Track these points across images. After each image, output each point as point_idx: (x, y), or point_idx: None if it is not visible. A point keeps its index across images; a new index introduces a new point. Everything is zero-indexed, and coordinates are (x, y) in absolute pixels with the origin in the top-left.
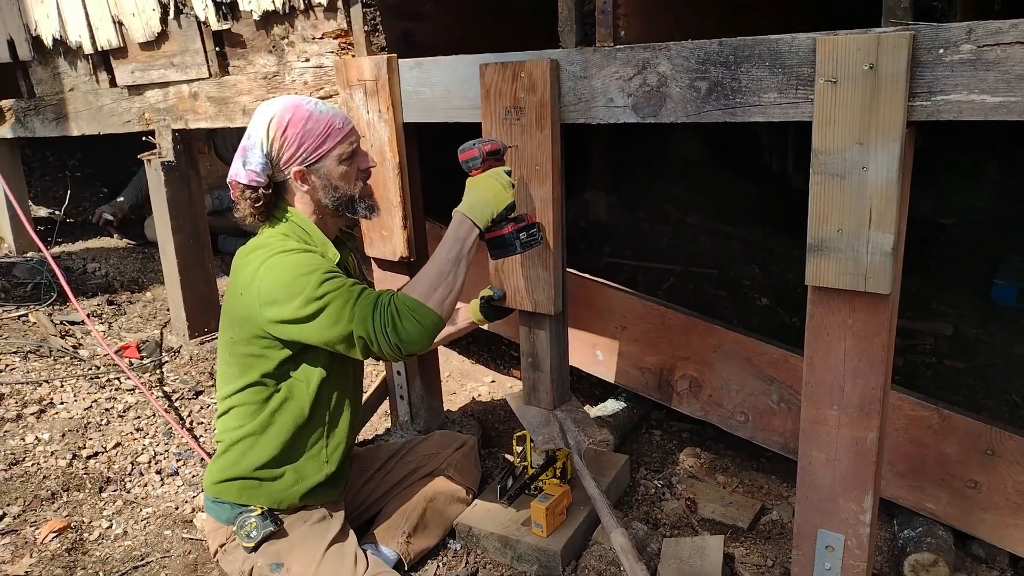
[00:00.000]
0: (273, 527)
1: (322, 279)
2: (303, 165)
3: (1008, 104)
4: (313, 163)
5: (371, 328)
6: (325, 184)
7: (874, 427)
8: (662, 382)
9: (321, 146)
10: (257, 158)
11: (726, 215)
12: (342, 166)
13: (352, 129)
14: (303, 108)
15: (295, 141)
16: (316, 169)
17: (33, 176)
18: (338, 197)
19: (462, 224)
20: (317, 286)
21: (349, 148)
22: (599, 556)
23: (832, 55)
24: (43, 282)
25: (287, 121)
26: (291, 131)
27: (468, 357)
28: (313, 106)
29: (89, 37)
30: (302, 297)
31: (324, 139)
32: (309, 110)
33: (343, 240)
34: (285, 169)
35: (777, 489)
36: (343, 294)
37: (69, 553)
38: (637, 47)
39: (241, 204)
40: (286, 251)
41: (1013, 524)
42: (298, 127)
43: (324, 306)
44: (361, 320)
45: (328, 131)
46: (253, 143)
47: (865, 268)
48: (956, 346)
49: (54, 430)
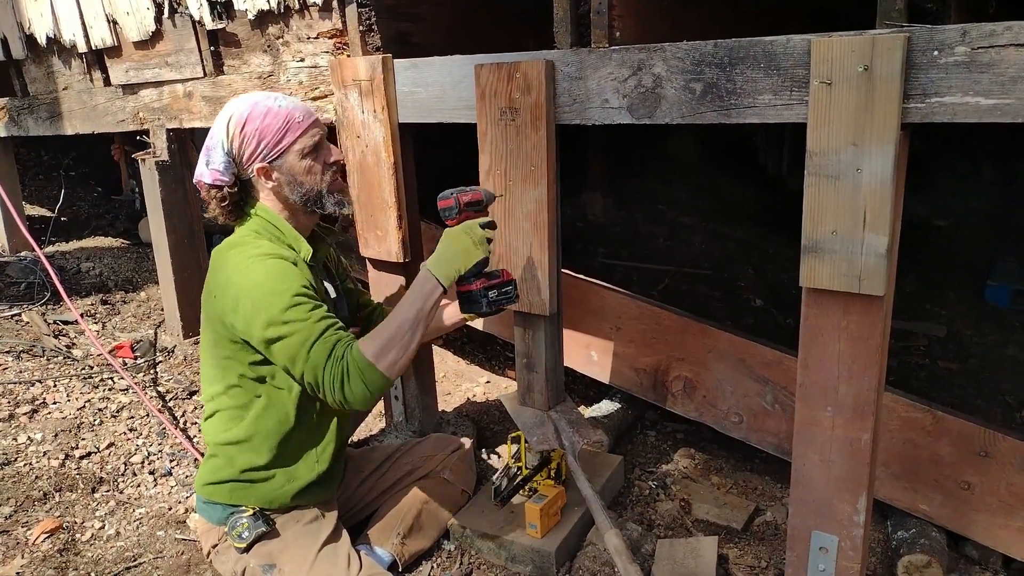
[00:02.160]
0: (265, 527)
1: (289, 303)
2: (265, 162)
3: (1002, 106)
4: (274, 159)
5: (320, 379)
6: (289, 180)
7: (868, 428)
8: (657, 383)
9: (280, 141)
10: (219, 157)
11: (721, 216)
12: (305, 160)
13: (314, 121)
14: (261, 104)
15: (254, 137)
16: (278, 165)
17: (27, 175)
18: (304, 192)
19: (426, 281)
20: (284, 310)
21: (311, 141)
22: (593, 557)
23: (827, 57)
24: (36, 281)
25: (245, 118)
26: (249, 127)
27: (463, 358)
28: (272, 101)
29: (83, 36)
30: (266, 317)
31: (283, 134)
32: (267, 106)
33: (321, 235)
34: (248, 167)
35: (771, 490)
36: (304, 330)
37: (61, 554)
38: (632, 48)
39: (210, 204)
40: (259, 255)
41: (1006, 525)
42: (256, 123)
43: (285, 335)
44: (312, 368)
45: (287, 125)
46: (215, 143)
47: (859, 270)
48: (950, 347)
49: (47, 430)
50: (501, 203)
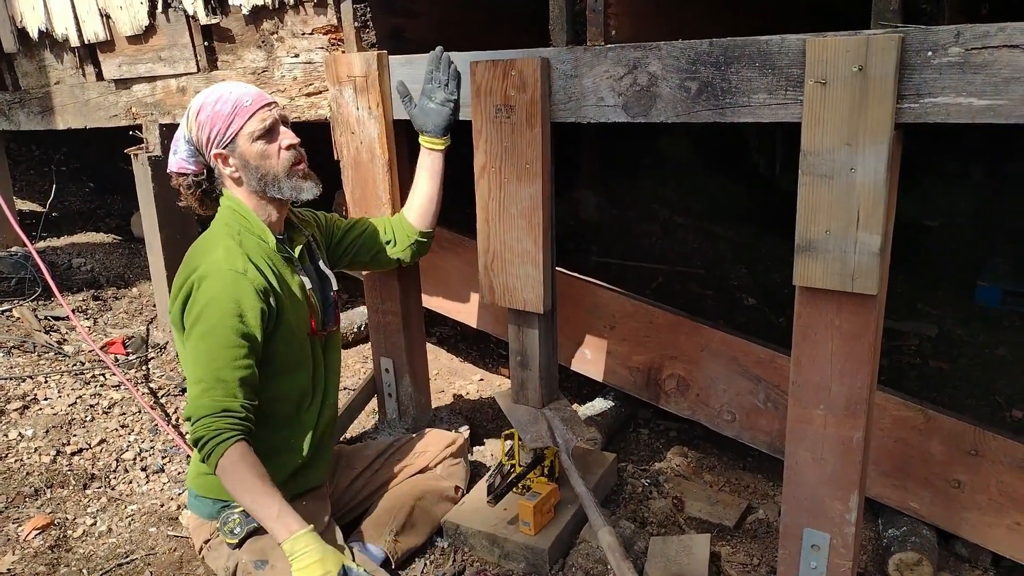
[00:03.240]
0: (256, 524)
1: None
2: (220, 148)
3: (995, 107)
4: (227, 144)
5: (193, 426)
6: (244, 164)
7: (860, 427)
8: (650, 381)
9: (230, 126)
10: (182, 146)
11: (714, 215)
12: (257, 143)
13: (264, 105)
14: (215, 92)
15: (207, 124)
16: (232, 150)
17: (18, 170)
18: (260, 177)
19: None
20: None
21: (260, 125)
22: (586, 554)
23: (822, 56)
24: (27, 277)
25: (199, 106)
26: (203, 115)
27: (456, 355)
28: (226, 88)
29: (76, 30)
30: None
31: (232, 119)
32: (220, 93)
33: (297, 224)
34: (208, 154)
35: (763, 488)
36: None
37: (52, 550)
38: (628, 46)
39: (184, 193)
40: (216, 271)
41: (996, 523)
42: (208, 110)
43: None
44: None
45: (235, 111)
46: (179, 133)
47: (852, 269)
48: (940, 347)
49: (38, 426)
50: (496, 200)
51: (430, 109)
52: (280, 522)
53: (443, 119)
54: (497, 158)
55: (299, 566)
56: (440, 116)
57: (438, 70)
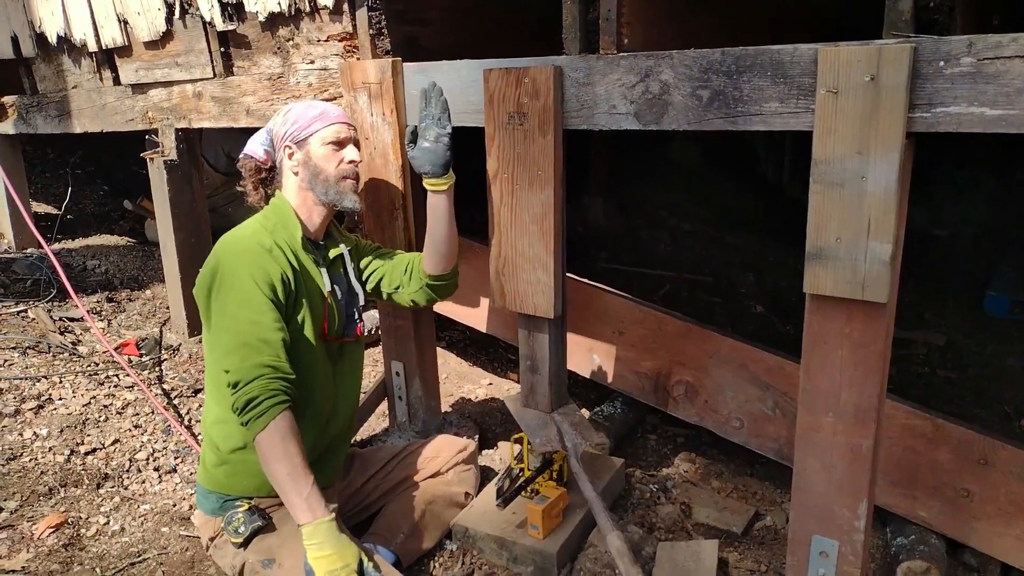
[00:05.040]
0: (261, 522)
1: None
2: (292, 142)
3: (1007, 117)
4: (300, 140)
5: (244, 388)
6: (306, 161)
7: (869, 435)
8: (658, 387)
9: (309, 126)
10: (263, 135)
11: (722, 223)
12: (326, 148)
13: (343, 123)
14: (310, 102)
15: (291, 121)
16: (302, 146)
17: (34, 172)
18: (314, 175)
19: (307, 512)
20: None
21: (334, 134)
22: (595, 559)
23: (834, 66)
24: (43, 278)
25: (291, 108)
26: (292, 114)
27: (466, 359)
28: (321, 103)
29: (94, 35)
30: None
31: (313, 121)
32: (313, 102)
33: (336, 236)
34: (280, 147)
35: (771, 495)
36: (253, 325)
37: (66, 549)
38: (640, 55)
39: (246, 177)
40: (242, 241)
41: (1005, 533)
42: (297, 111)
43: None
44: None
45: (319, 115)
46: (267, 126)
47: (863, 277)
48: (949, 356)
49: (52, 426)
50: (508, 206)
51: (425, 148)
52: (307, 503)
53: (440, 157)
54: (509, 164)
55: (317, 554)
56: (436, 155)
57: (429, 104)
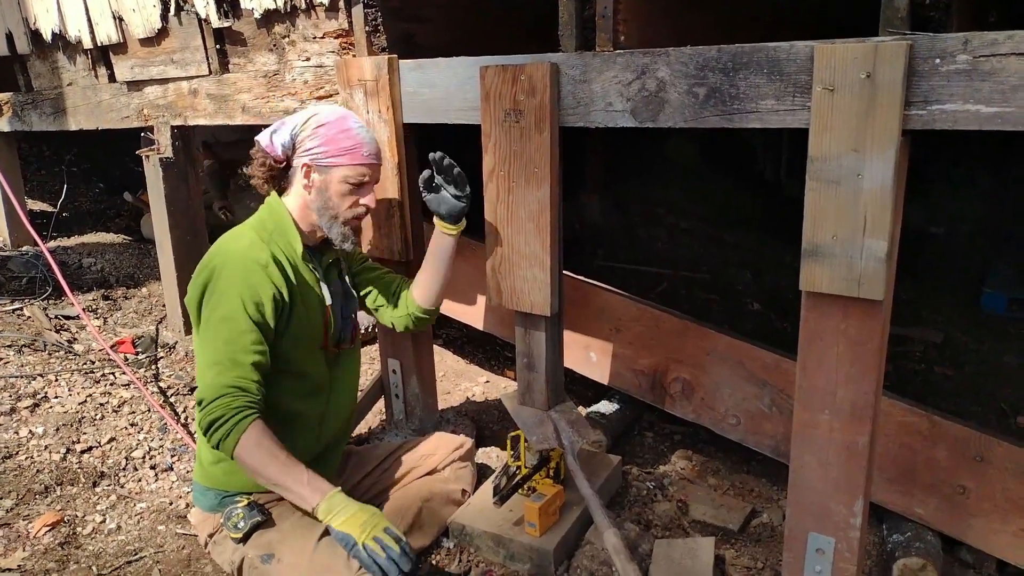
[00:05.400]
0: (261, 517)
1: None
2: (313, 161)
3: (1003, 115)
4: (322, 166)
5: (208, 407)
6: (321, 188)
7: (866, 432)
8: (655, 384)
9: (338, 157)
10: (285, 134)
11: (719, 220)
12: (344, 185)
13: (373, 164)
14: (347, 122)
15: (321, 139)
16: (322, 172)
17: (29, 170)
18: (324, 206)
19: (313, 495)
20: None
21: (358, 176)
22: (591, 556)
23: (830, 63)
24: (38, 276)
25: (326, 122)
26: (323, 130)
27: (463, 357)
28: (356, 126)
29: (89, 32)
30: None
31: (343, 154)
32: (350, 126)
33: (330, 246)
34: (298, 156)
35: (768, 492)
36: (229, 343)
37: (62, 547)
38: (637, 52)
39: (255, 164)
40: (238, 257)
41: (1001, 530)
42: (330, 131)
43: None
44: (211, 395)
45: (351, 150)
46: (290, 122)
47: (859, 274)
48: (946, 353)
49: (48, 424)
50: (504, 204)
51: (443, 199)
52: (311, 487)
53: (455, 210)
54: (506, 162)
55: (341, 519)
56: (453, 207)
57: (440, 172)
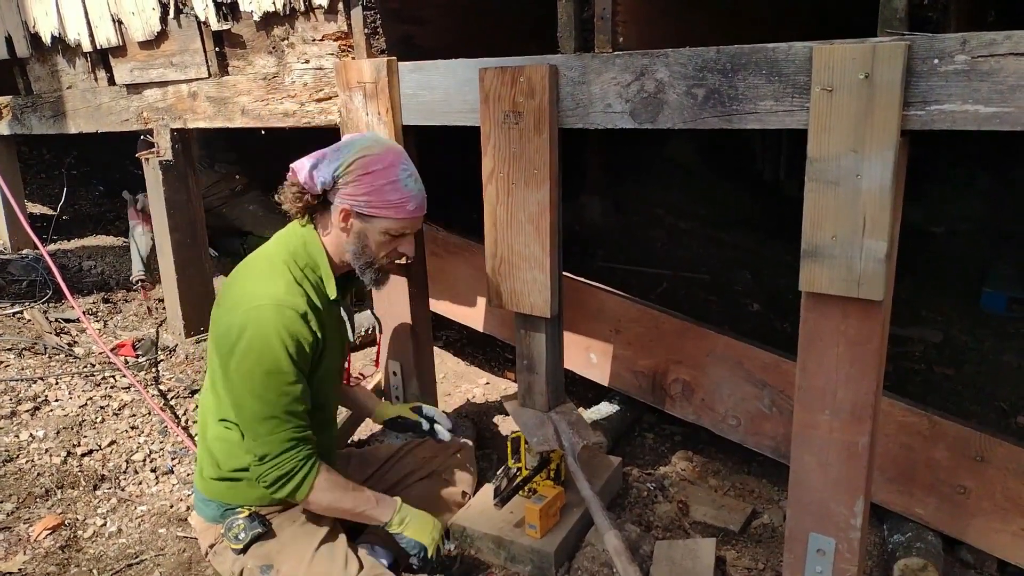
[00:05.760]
0: (261, 528)
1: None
2: (353, 208)
3: (1001, 115)
4: (364, 215)
5: (274, 462)
6: (360, 235)
7: (866, 432)
8: (655, 385)
9: (381, 210)
10: (328, 172)
11: (719, 221)
12: (384, 236)
13: (417, 218)
14: (395, 171)
15: (367, 188)
16: (364, 219)
17: (29, 173)
18: (360, 253)
19: (387, 510)
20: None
21: (400, 229)
22: (592, 557)
23: (828, 64)
24: (38, 279)
25: (374, 169)
26: (371, 179)
27: (463, 359)
28: (405, 176)
29: (88, 35)
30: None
31: (388, 208)
32: (398, 176)
33: (352, 276)
34: (338, 196)
35: (768, 493)
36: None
37: (63, 551)
38: (635, 53)
39: (287, 192)
40: (276, 305)
41: (1001, 529)
42: (378, 181)
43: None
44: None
45: (398, 205)
46: (334, 160)
47: (858, 274)
48: (945, 353)
49: (48, 427)
50: (504, 205)
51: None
52: (381, 506)
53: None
54: (505, 164)
55: (416, 526)
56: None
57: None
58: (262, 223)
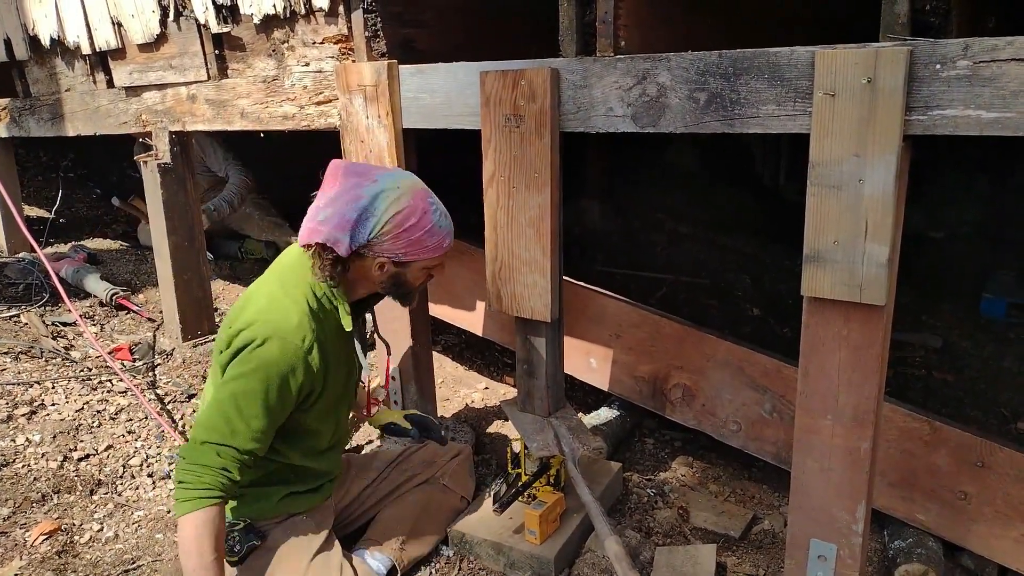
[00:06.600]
0: (256, 541)
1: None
2: (392, 258)
3: (1003, 120)
4: (402, 262)
5: (182, 465)
6: (397, 276)
7: (867, 437)
8: (656, 391)
9: (420, 255)
10: (363, 236)
11: (719, 225)
12: (423, 272)
13: (450, 247)
14: (429, 217)
15: (405, 242)
16: (401, 265)
17: (26, 176)
18: (398, 288)
19: None
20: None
21: (438, 262)
22: (592, 564)
23: (831, 68)
24: (35, 283)
25: (410, 224)
26: (407, 234)
27: (461, 363)
28: (438, 217)
29: (87, 38)
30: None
31: (426, 252)
32: (433, 222)
33: (369, 301)
34: (376, 252)
35: (769, 499)
36: (232, 422)
37: (59, 556)
38: (637, 57)
39: (323, 263)
40: (282, 339)
41: (1003, 535)
42: (416, 234)
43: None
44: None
45: (436, 247)
46: (367, 220)
47: (861, 279)
48: (946, 359)
49: (45, 432)
50: (504, 209)
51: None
52: None
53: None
54: (506, 167)
55: None
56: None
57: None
58: (259, 227)
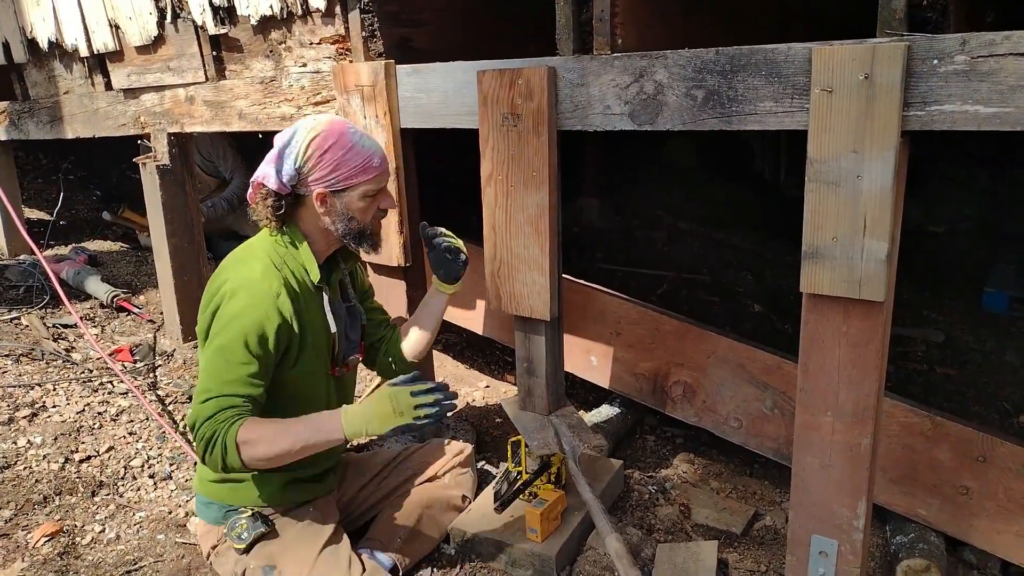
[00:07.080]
0: (264, 528)
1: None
2: (328, 189)
3: (1001, 115)
4: (339, 190)
5: (195, 424)
6: (343, 212)
7: (868, 433)
8: (656, 388)
9: (352, 178)
10: (289, 168)
11: (719, 222)
12: (364, 201)
13: (385, 169)
14: (348, 137)
15: (330, 165)
16: (339, 196)
17: (26, 179)
18: (349, 227)
19: (333, 428)
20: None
21: (377, 186)
22: (594, 561)
23: (828, 65)
24: (35, 285)
25: (329, 145)
26: (330, 155)
27: (462, 362)
28: (358, 138)
29: (85, 40)
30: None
31: (357, 173)
32: (353, 141)
33: (339, 259)
34: (310, 187)
35: (770, 495)
36: (216, 376)
37: (61, 557)
38: (634, 55)
39: (259, 207)
40: (246, 288)
41: (1004, 530)
42: (338, 154)
43: (208, 361)
44: (195, 416)
45: (364, 166)
46: (290, 152)
47: (860, 276)
48: (947, 353)
49: (46, 434)
50: (502, 208)
51: (442, 260)
52: (327, 425)
53: (453, 271)
54: (504, 166)
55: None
56: (450, 269)
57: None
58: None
